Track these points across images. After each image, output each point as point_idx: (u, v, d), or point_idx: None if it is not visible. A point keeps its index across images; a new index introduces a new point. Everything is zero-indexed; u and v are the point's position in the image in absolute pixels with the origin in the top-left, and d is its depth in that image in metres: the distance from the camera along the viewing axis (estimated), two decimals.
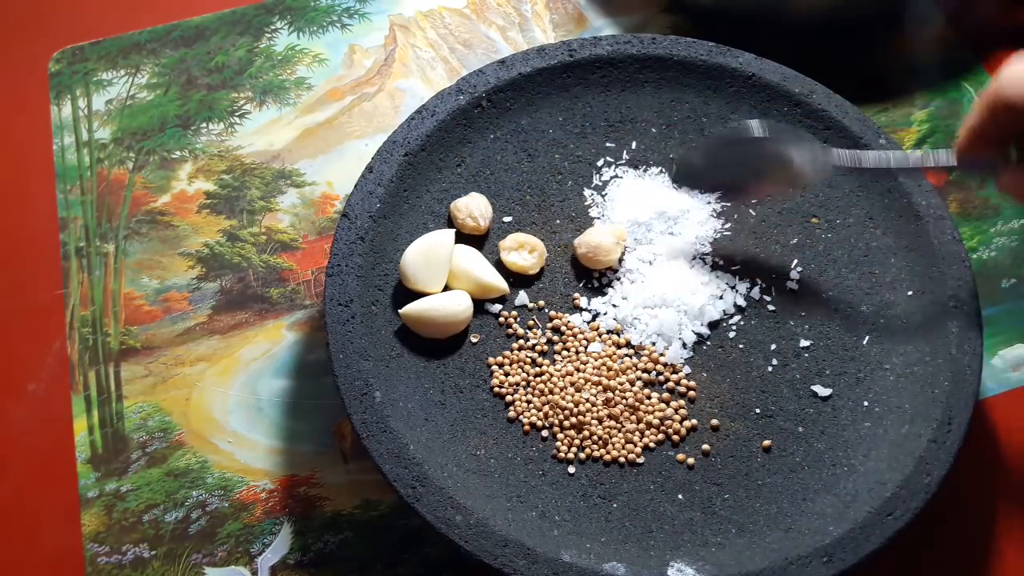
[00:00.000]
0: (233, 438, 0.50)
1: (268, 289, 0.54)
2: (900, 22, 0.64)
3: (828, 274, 0.51)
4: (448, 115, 0.51)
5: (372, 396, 0.45)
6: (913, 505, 0.43)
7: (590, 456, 0.46)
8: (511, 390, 0.48)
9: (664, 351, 0.49)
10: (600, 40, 0.54)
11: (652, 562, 0.43)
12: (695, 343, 0.49)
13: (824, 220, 0.52)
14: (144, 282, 0.54)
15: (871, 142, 0.52)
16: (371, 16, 0.63)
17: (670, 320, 0.49)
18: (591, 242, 0.50)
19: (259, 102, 0.60)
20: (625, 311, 0.49)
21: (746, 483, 0.46)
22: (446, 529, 0.42)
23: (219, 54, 0.61)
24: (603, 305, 0.50)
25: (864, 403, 0.47)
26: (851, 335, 0.49)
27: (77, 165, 0.57)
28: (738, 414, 0.47)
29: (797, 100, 0.53)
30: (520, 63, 0.53)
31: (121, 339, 0.52)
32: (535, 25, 0.63)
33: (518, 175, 0.53)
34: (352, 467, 0.49)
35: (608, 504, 0.45)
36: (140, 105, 0.60)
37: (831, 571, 0.42)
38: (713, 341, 0.49)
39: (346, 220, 0.49)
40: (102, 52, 0.61)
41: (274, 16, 0.63)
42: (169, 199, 0.57)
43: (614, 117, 0.54)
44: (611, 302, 0.50)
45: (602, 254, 0.50)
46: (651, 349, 0.49)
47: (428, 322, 0.47)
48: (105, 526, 0.47)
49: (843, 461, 0.46)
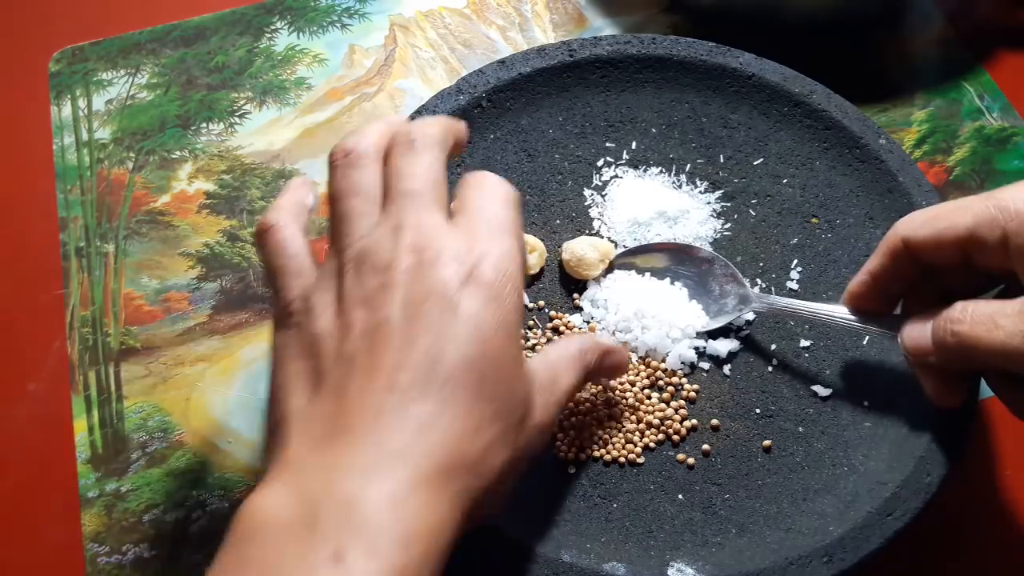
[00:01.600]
0: (233, 438, 0.50)
1: (268, 289, 0.54)
2: (900, 22, 0.64)
3: (828, 274, 0.51)
4: (448, 115, 0.51)
5: None
6: (913, 505, 0.43)
7: (590, 456, 0.46)
8: None
9: (661, 362, 0.48)
10: (600, 40, 0.54)
11: (652, 562, 0.43)
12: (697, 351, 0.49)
13: (824, 220, 0.52)
14: (144, 282, 0.54)
15: (871, 142, 0.52)
16: (371, 16, 0.63)
17: (657, 338, 0.48)
18: (576, 252, 0.50)
19: (259, 102, 0.60)
20: (611, 321, 0.49)
21: (746, 483, 0.46)
22: None
23: (219, 54, 0.61)
24: (597, 311, 0.50)
25: (864, 403, 0.47)
26: (851, 335, 0.49)
27: (77, 165, 0.57)
28: (738, 414, 0.47)
29: (797, 100, 0.53)
30: (520, 63, 0.53)
31: (121, 339, 0.52)
32: (535, 25, 0.63)
33: (518, 175, 0.53)
34: None
35: (608, 504, 0.45)
36: (140, 105, 0.59)
37: (831, 571, 0.42)
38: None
39: None
40: (102, 52, 0.61)
41: (274, 16, 0.63)
42: (169, 199, 0.57)
43: (614, 117, 0.54)
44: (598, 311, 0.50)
45: (583, 267, 0.49)
46: (649, 359, 0.49)
47: None
48: (105, 526, 0.47)
49: (843, 461, 0.46)
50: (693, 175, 0.53)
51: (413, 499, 0.29)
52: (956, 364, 0.40)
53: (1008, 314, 0.36)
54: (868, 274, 0.43)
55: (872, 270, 0.43)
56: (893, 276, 0.42)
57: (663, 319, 0.48)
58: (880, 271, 0.43)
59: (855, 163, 0.52)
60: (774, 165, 0.53)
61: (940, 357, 0.40)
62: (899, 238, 0.41)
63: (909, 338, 0.42)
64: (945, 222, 0.39)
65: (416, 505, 0.29)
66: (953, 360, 0.39)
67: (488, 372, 0.32)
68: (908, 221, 0.41)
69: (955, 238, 0.39)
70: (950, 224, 0.39)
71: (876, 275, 0.43)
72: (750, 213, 0.52)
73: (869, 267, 0.43)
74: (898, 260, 0.42)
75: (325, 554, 0.27)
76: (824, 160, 0.53)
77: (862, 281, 0.44)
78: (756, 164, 0.53)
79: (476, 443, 0.31)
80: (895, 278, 0.42)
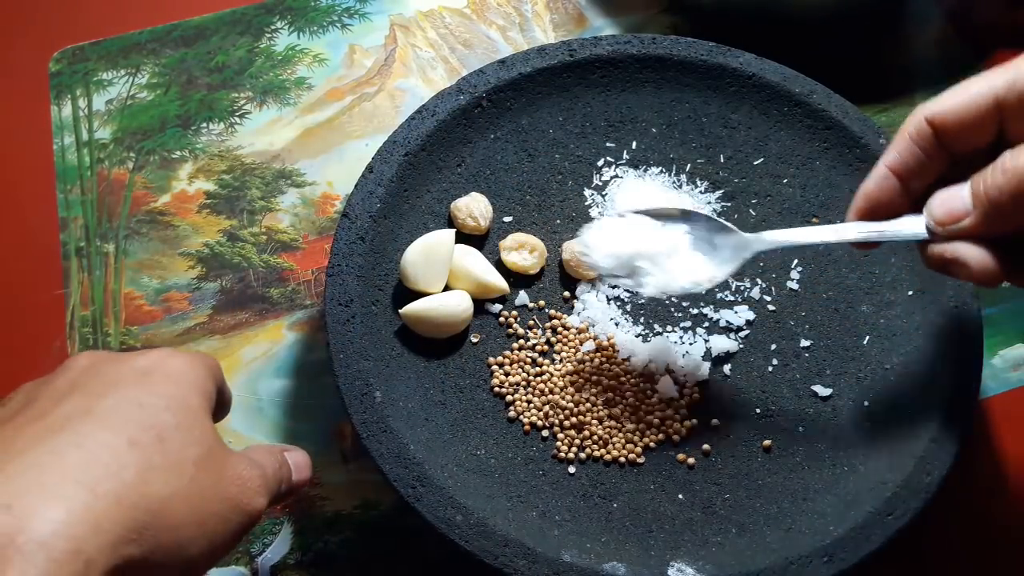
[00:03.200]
0: (233, 438, 0.50)
1: (268, 289, 0.54)
2: (900, 22, 0.64)
3: (828, 274, 0.51)
4: (448, 115, 0.51)
5: (372, 396, 0.45)
6: (913, 505, 0.43)
7: (590, 456, 0.46)
8: (511, 390, 0.48)
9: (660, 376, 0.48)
10: (600, 40, 0.54)
11: (652, 562, 0.43)
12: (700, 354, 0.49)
13: (824, 220, 0.52)
14: (144, 282, 0.54)
15: (871, 142, 0.52)
16: (371, 16, 0.63)
17: (661, 348, 0.48)
18: (576, 252, 0.49)
19: (259, 102, 0.60)
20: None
21: (746, 483, 0.46)
22: (446, 529, 0.42)
23: (219, 54, 0.61)
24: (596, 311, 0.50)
25: (864, 403, 0.47)
26: (851, 335, 0.49)
27: (77, 165, 0.57)
28: (738, 414, 0.48)
29: (797, 100, 0.53)
30: (520, 63, 0.53)
31: (121, 339, 0.52)
32: (535, 25, 0.63)
33: (518, 175, 0.53)
34: (352, 467, 0.49)
35: (608, 504, 0.45)
36: (140, 105, 0.59)
37: (831, 571, 0.42)
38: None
39: (346, 220, 0.49)
40: (102, 52, 0.61)
41: (274, 16, 0.63)
42: (169, 199, 0.57)
43: (614, 117, 0.54)
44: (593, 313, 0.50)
45: (584, 267, 0.49)
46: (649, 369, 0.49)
47: (428, 322, 0.47)
48: None
49: (843, 461, 0.46)
50: (693, 175, 0.53)
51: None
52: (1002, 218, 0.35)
53: None
54: (887, 169, 0.38)
55: (892, 163, 0.37)
56: (916, 169, 0.37)
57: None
58: (900, 165, 0.37)
59: (855, 163, 0.52)
60: (774, 165, 0.53)
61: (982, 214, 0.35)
62: (922, 118, 0.36)
63: (939, 203, 0.36)
64: (973, 89, 0.35)
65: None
66: (1001, 211, 0.34)
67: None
68: (930, 103, 0.36)
69: (986, 107, 0.35)
70: (980, 91, 0.35)
71: (897, 169, 0.37)
72: (750, 213, 0.52)
73: (887, 161, 0.38)
74: (922, 147, 0.36)
75: None
76: (824, 160, 0.53)
77: (880, 178, 0.38)
78: (756, 164, 0.53)
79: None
80: (918, 172, 0.37)
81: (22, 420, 0.31)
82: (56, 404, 0.32)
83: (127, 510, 0.29)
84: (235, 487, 0.34)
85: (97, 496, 0.29)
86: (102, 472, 0.29)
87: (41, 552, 0.27)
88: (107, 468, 0.30)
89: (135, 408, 0.32)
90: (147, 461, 0.31)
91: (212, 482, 0.33)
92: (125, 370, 0.34)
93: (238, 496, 0.34)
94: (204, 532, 0.32)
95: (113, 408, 0.32)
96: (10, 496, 0.28)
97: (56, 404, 0.32)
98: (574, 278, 0.50)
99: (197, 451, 0.32)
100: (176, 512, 0.31)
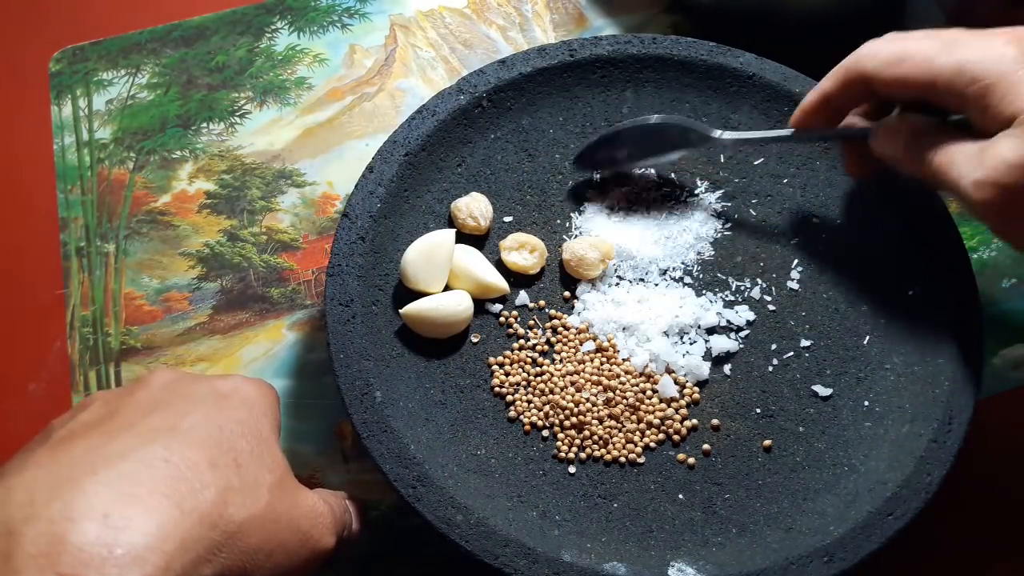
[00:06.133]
0: None
1: (269, 289, 0.54)
2: (900, 22, 0.64)
3: (828, 273, 0.51)
4: (448, 115, 0.51)
5: (373, 396, 0.45)
6: (914, 505, 0.43)
7: (590, 456, 0.46)
8: (511, 390, 0.48)
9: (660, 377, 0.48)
10: (600, 40, 0.54)
11: (652, 562, 0.43)
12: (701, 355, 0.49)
13: (824, 220, 0.52)
14: (144, 282, 0.54)
15: None
16: (371, 16, 0.63)
17: (661, 348, 0.48)
18: (576, 252, 0.50)
19: (259, 102, 0.60)
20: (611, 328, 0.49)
21: (746, 483, 0.46)
22: (446, 529, 0.42)
23: (219, 54, 0.61)
24: (596, 311, 0.50)
25: (865, 403, 0.47)
26: (851, 335, 0.49)
27: (77, 165, 0.57)
28: (738, 414, 0.48)
29: (797, 100, 0.53)
30: (521, 63, 0.53)
31: (122, 339, 0.52)
32: (535, 25, 0.63)
33: (519, 175, 0.53)
34: (352, 467, 0.49)
35: (608, 504, 0.45)
36: (140, 105, 0.59)
37: (831, 571, 0.42)
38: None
39: (347, 220, 0.49)
40: (102, 52, 0.61)
41: (274, 16, 0.63)
42: (169, 199, 0.57)
43: (614, 117, 0.54)
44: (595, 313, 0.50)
45: (584, 267, 0.49)
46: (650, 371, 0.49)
47: (428, 322, 0.47)
48: None
49: (844, 461, 0.46)
50: (694, 175, 0.53)
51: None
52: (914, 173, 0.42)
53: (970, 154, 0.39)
54: (821, 94, 0.45)
55: (826, 92, 0.44)
56: (845, 100, 0.44)
57: (664, 323, 0.49)
58: (834, 94, 0.44)
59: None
60: (774, 165, 0.53)
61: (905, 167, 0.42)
62: (859, 72, 0.42)
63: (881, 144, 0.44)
64: (908, 68, 0.40)
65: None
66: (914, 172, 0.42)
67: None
68: (871, 56, 0.42)
69: (916, 87, 0.40)
70: (913, 73, 0.40)
71: (829, 97, 0.45)
72: (750, 213, 0.52)
73: (823, 88, 0.45)
74: (855, 89, 0.43)
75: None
76: (824, 160, 0.53)
77: (814, 100, 0.45)
78: (756, 164, 0.53)
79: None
80: (847, 102, 0.45)
81: (112, 427, 0.32)
82: (143, 416, 0.32)
83: (207, 530, 0.29)
84: (307, 521, 0.34)
85: (184, 513, 0.29)
86: (186, 489, 0.30)
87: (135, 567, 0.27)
88: (191, 485, 0.30)
89: (215, 430, 0.32)
90: (226, 482, 0.31)
91: (285, 510, 0.33)
92: (205, 391, 0.34)
93: (310, 530, 0.34)
94: (270, 560, 0.32)
95: (196, 427, 0.32)
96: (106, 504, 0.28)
97: (143, 416, 0.32)
98: (574, 278, 0.50)
99: (271, 478, 0.33)
100: (250, 536, 0.31)
